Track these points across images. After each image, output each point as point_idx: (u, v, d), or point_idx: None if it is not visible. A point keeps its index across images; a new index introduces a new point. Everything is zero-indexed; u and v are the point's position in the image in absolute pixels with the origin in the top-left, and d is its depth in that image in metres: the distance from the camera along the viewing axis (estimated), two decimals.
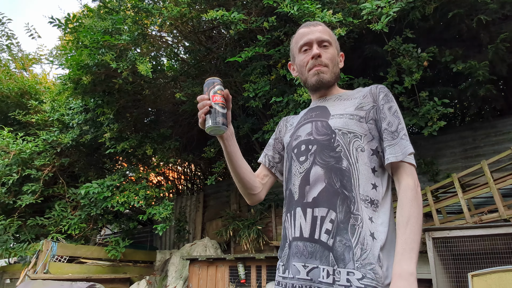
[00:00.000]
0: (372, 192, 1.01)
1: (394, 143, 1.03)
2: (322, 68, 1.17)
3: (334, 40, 1.23)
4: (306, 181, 1.05)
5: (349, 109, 1.11)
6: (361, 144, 1.05)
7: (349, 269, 0.92)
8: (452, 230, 2.71)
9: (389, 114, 1.07)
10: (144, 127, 6.16)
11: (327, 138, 1.07)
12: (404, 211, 0.96)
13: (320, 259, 0.95)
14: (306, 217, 1.01)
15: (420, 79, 3.94)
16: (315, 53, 1.15)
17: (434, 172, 5.04)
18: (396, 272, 0.90)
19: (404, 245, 0.91)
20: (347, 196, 0.98)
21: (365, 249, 0.93)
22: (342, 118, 1.09)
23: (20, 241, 5.63)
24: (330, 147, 1.05)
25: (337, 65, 1.21)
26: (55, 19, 4.64)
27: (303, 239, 1.00)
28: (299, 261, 0.99)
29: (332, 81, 1.19)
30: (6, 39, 7.84)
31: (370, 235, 0.95)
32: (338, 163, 1.02)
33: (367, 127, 1.07)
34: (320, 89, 1.21)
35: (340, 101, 1.17)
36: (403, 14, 3.88)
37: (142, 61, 4.20)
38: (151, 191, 5.30)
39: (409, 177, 1.00)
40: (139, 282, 5.33)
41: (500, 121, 4.89)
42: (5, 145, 5.33)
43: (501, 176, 3.23)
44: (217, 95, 1.04)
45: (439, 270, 2.71)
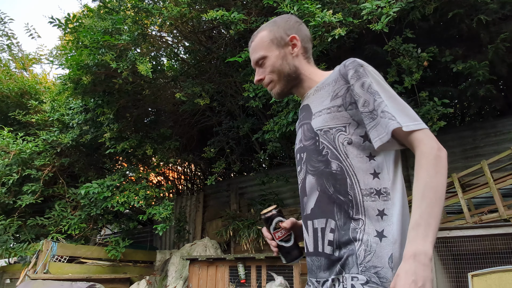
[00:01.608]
0: (375, 182, 0.91)
1: (375, 123, 0.90)
2: (269, 86, 1.13)
3: (268, 42, 1.10)
4: (303, 192, 1.01)
5: (326, 102, 1.01)
6: (347, 135, 0.95)
7: (353, 273, 0.86)
8: (452, 230, 2.71)
9: (362, 92, 0.94)
10: (144, 127, 6.16)
11: (313, 142, 1.00)
12: (419, 182, 0.83)
13: (329, 271, 0.91)
14: (308, 231, 0.98)
15: (420, 79, 3.94)
16: (256, 81, 1.14)
17: None
18: (408, 252, 0.77)
19: (420, 220, 0.78)
20: (343, 201, 0.92)
21: (369, 251, 0.86)
22: (321, 115, 1.00)
23: (20, 241, 5.63)
24: (317, 151, 0.99)
25: (283, 66, 1.09)
26: (55, 19, 4.65)
27: (309, 254, 0.98)
28: (312, 276, 0.97)
29: (285, 89, 1.12)
30: (6, 39, 7.85)
31: (377, 236, 0.87)
32: (327, 167, 0.95)
33: (348, 114, 0.96)
34: (285, 96, 1.18)
35: (318, 92, 1.06)
36: (403, 14, 3.88)
37: (142, 61, 4.20)
38: (151, 191, 5.30)
39: (421, 143, 0.86)
40: (139, 282, 5.33)
41: (500, 121, 4.89)
42: (5, 145, 5.33)
43: (501, 176, 3.23)
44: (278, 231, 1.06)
45: (439, 270, 2.71)
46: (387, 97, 0.92)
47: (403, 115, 0.88)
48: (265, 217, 1.07)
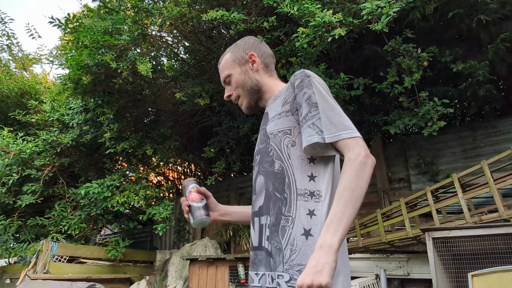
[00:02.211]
0: (310, 184, 0.96)
1: (302, 130, 0.99)
2: (238, 102, 1.24)
3: (231, 62, 1.24)
4: (254, 191, 1.10)
5: (278, 109, 1.10)
6: (292, 138, 1.02)
7: (279, 272, 0.92)
8: (452, 230, 2.71)
9: (302, 101, 1.02)
10: (144, 127, 6.16)
11: (265, 145, 1.09)
12: (341, 184, 0.89)
13: (265, 266, 0.99)
14: (255, 226, 1.05)
15: (420, 79, 3.94)
16: (225, 98, 1.24)
17: (434, 172, 5.04)
18: (317, 243, 0.84)
19: (333, 216, 0.85)
20: (278, 198, 0.98)
21: (294, 250, 0.91)
22: (274, 120, 1.09)
23: (20, 241, 5.63)
24: (266, 153, 1.07)
25: (246, 81, 1.21)
26: (55, 19, 4.64)
27: (253, 248, 1.05)
28: (252, 269, 1.04)
29: (252, 102, 1.22)
30: (6, 39, 7.85)
31: (303, 234, 0.91)
32: (271, 166, 1.03)
33: (294, 119, 1.04)
34: (254, 110, 1.25)
35: (275, 101, 1.16)
36: (403, 14, 3.88)
37: (142, 61, 4.20)
38: (151, 191, 5.30)
39: (350, 150, 0.92)
40: (139, 282, 5.33)
41: (500, 121, 4.88)
42: (5, 145, 5.33)
43: (501, 176, 3.23)
44: (192, 193, 1.18)
45: (439, 270, 2.71)
46: (324, 109, 0.97)
47: (333, 127, 0.95)
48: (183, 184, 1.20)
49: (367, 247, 3.72)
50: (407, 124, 3.95)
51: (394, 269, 3.66)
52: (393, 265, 3.69)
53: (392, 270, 3.66)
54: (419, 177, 5.21)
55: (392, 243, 3.53)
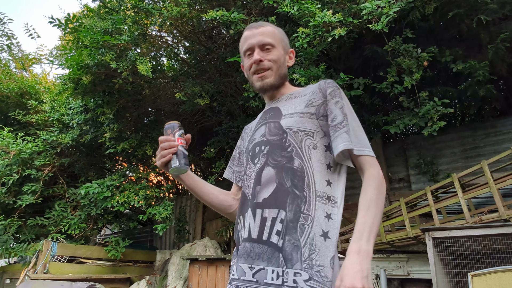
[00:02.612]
0: (327, 188, 1.00)
1: (336, 136, 1.03)
2: (264, 73, 1.16)
3: (279, 39, 1.21)
4: (257, 181, 1.05)
5: (299, 107, 1.11)
6: (313, 141, 1.05)
7: (296, 269, 0.90)
8: (452, 230, 2.72)
9: (335, 109, 1.08)
10: (144, 127, 6.16)
11: (279, 138, 1.07)
12: (367, 195, 0.96)
13: (269, 261, 0.94)
14: (255, 218, 1.00)
15: (420, 79, 3.94)
16: (255, 59, 1.15)
17: (434, 172, 5.04)
18: (354, 248, 0.87)
19: (364, 226, 0.90)
20: (297, 195, 0.97)
21: (313, 249, 0.92)
22: (293, 117, 1.09)
23: (20, 241, 5.63)
24: (282, 146, 1.05)
25: (282, 65, 1.19)
26: (55, 19, 4.64)
27: (251, 240, 0.99)
28: (246, 262, 0.99)
29: (276, 83, 1.18)
30: (6, 39, 7.85)
31: (322, 235, 0.94)
32: (289, 162, 1.02)
33: (318, 123, 1.07)
34: (267, 92, 1.20)
35: (291, 99, 1.17)
36: (403, 14, 3.88)
37: (142, 61, 4.20)
38: (151, 191, 5.30)
39: (372, 167, 1.01)
40: (139, 282, 5.33)
41: (500, 121, 4.89)
42: (5, 145, 5.33)
43: (501, 176, 3.23)
44: (181, 138, 1.09)
45: (439, 270, 2.71)
46: (352, 122, 1.07)
47: (358, 141, 1.04)
48: (171, 124, 1.11)
49: None
50: (407, 124, 3.95)
51: (394, 269, 3.66)
52: (393, 265, 3.69)
53: (392, 270, 3.66)
54: (419, 177, 5.21)
55: (392, 243, 3.53)
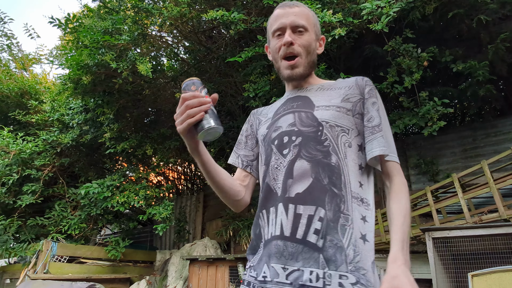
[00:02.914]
0: (360, 190, 0.96)
1: (372, 138, 0.99)
2: (295, 61, 1.07)
3: (312, 23, 1.11)
4: (289, 174, 0.96)
5: (335, 101, 1.04)
6: (349, 139, 0.99)
7: (341, 272, 0.84)
8: (452, 230, 2.71)
9: (372, 109, 1.03)
10: (144, 127, 6.16)
11: (313, 130, 0.99)
12: (402, 204, 0.93)
13: (305, 261, 0.87)
14: (288, 214, 0.91)
15: (420, 79, 3.94)
16: (286, 40, 1.05)
17: (434, 172, 5.04)
18: (400, 258, 0.84)
19: (404, 235, 0.88)
20: (336, 194, 0.91)
21: (357, 251, 0.87)
22: (329, 110, 1.01)
23: (20, 241, 5.63)
24: (317, 140, 0.97)
25: (313, 52, 1.10)
26: (55, 19, 4.65)
27: (284, 238, 0.90)
28: (279, 262, 0.89)
29: (306, 72, 1.09)
30: (6, 39, 7.85)
31: (361, 238, 0.90)
32: (326, 158, 0.95)
33: (354, 121, 1.01)
34: (295, 81, 1.12)
35: (323, 91, 1.09)
36: (403, 14, 3.89)
37: (142, 61, 4.20)
38: (151, 191, 5.30)
39: (400, 174, 0.99)
40: (139, 282, 5.33)
41: (500, 121, 4.89)
42: (5, 145, 5.33)
43: (501, 176, 3.23)
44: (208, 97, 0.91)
45: (439, 270, 2.71)
46: (385, 126, 1.03)
47: (389, 146, 1.00)
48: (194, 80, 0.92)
49: None
50: (407, 124, 3.95)
51: None
52: None
53: None
54: (419, 177, 5.21)
55: None
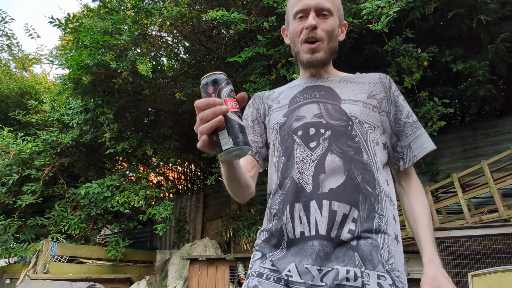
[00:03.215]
0: (388, 188, 0.93)
1: (418, 134, 1.02)
2: (316, 45, 1.01)
3: (337, 7, 1.06)
4: (320, 169, 0.89)
5: (361, 96, 0.99)
6: (376, 136, 0.96)
7: (379, 272, 0.81)
8: (452, 230, 2.71)
9: (406, 105, 1.03)
10: (144, 127, 6.16)
11: (344, 125, 0.93)
12: (425, 205, 0.98)
13: (340, 260, 0.82)
14: (322, 211, 0.85)
15: (420, 79, 3.94)
16: (310, 24, 0.98)
17: (434, 172, 5.04)
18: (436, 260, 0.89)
19: (432, 236, 0.92)
20: (370, 192, 0.87)
21: (391, 252, 0.84)
22: (357, 105, 0.97)
23: (20, 241, 5.63)
24: (348, 135, 0.92)
25: (335, 38, 1.04)
26: (55, 19, 4.64)
27: (320, 238, 0.83)
28: (315, 264, 0.82)
29: (327, 59, 1.04)
30: (6, 39, 7.85)
31: (395, 238, 0.87)
32: (358, 154, 0.90)
33: (380, 118, 0.98)
34: (314, 67, 1.06)
35: (346, 83, 1.04)
36: (403, 14, 3.88)
37: (142, 61, 4.20)
38: (151, 191, 5.30)
39: (416, 175, 1.04)
40: (139, 282, 5.32)
41: (500, 121, 4.89)
42: (5, 145, 5.33)
43: (501, 176, 3.23)
44: (232, 99, 0.70)
45: None
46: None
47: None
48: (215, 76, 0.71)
49: None
50: None
51: None
52: None
53: None
54: (419, 177, 5.17)
55: None
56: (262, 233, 0.97)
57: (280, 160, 0.98)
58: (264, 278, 0.88)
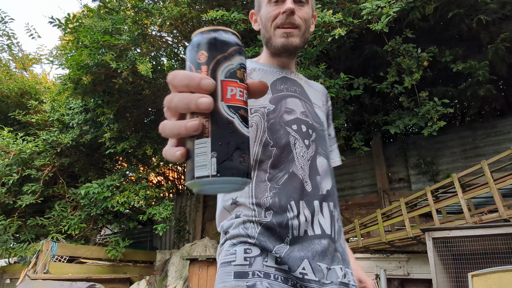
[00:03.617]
0: None
1: (333, 148, 1.10)
2: (292, 30, 0.95)
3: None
4: (315, 170, 0.90)
5: (320, 103, 1.04)
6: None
7: (350, 269, 0.91)
8: (452, 230, 2.71)
9: (331, 120, 1.13)
10: (144, 127, 6.16)
11: (321, 129, 0.98)
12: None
13: (334, 259, 0.86)
14: (324, 212, 0.87)
15: (420, 79, 3.94)
16: (288, 7, 0.92)
17: (434, 172, 5.04)
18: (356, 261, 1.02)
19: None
20: (336, 195, 0.95)
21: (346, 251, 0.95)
22: (322, 112, 1.03)
23: (20, 241, 5.63)
24: (325, 140, 0.98)
25: (308, 29, 1.00)
26: (55, 19, 4.65)
27: (327, 237, 0.85)
28: (324, 261, 0.83)
29: (300, 47, 0.98)
30: (6, 39, 7.85)
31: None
32: (329, 159, 0.97)
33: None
34: (286, 54, 1.00)
35: (309, 87, 1.06)
36: (403, 14, 3.88)
37: (142, 61, 4.20)
38: (151, 191, 5.30)
39: None
40: (139, 282, 5.32)
41: (500, 121, 4.88)
42: (5, 145, 5.33)
43: (501, 176, 3.23)
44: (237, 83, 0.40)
45: (439, 270, 2.71)
46: None
47: None
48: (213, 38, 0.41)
49: (367, 247, 3.72)
50: (407, 124, 3.95)
51: (394, 269, 3.66)
52: (393, 265, 3.69)
53: (392, 270, 3.66)
54: (419, 177, 5.21)
55: (392, 243, 3.53)
56: (249, 224, 0.84)
57: (266, 149, 0.88)
58: (272, 279, 0.79)
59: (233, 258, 0.81)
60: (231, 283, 0.77)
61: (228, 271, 0.80)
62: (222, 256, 0.84)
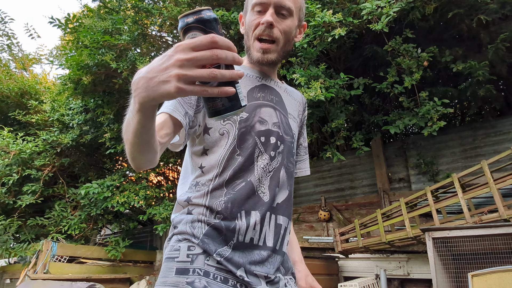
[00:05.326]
0: None
1: (305, 158, 1.14)
2: (269, 46, 0.94)
3: (298, 7, 0.99)
4: (275, 182, 0.92)
5: (295, 113, 1.07)
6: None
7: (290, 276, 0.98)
8: (452, 230, 2.71)
9: (305, 129, 1.15)
10: None
11: (290, 141, 0.99)
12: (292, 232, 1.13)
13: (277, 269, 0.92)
14: (270, 224, 0.90)
15: (420, 79, 3.94)
16: (266, 20, 0.91)
17: (434, 172, 5.04)
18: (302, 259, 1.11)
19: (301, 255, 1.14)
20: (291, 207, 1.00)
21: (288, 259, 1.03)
22: (295, 123, 1.05)
23: (20, 241, 5.63)
24: (292, 152, 1.00)
25: (291, 41, 0.99)
26: (55, 19, 4.65)
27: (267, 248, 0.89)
28: (262, 271, 0.87)
29: (278, 60, 0.99)
30: (6, 39, 7.86)
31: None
32: (293, 172, 1.02)
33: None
34: (263, 66, 1.01)
35: (288, 96, 1.07)
36: (403, 14, 3.88)
37: (142, 61, 4.21)
38: (151, 191, 5.30)
39: None
40: (139, 282, 5.32)
41: (500, 121, 4.88)
42: (5, 145, 5.33)
43: (501, 176, 3.23)
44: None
45: (439, 270, 2.72)
46: None
47: None
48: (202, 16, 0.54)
49: (367, 247, 3.72)
50: (407, 124, 3.95)
51: (394, 269, 3.66)
52: (393, 265, 3.69)
53: (392, 270, 3.67)
54: (419, 177, 5.21)
55: (392, 243, 3.53)
56: (197, 223, 0.86)
57: (233, 156, 0.90)
58: (212, 278, 0.82)
59: (176, 254, 0.85)
60: (172, 278, 0.82)
61: (170, 267, 0.85)
62: (167, 251, 0.88)
